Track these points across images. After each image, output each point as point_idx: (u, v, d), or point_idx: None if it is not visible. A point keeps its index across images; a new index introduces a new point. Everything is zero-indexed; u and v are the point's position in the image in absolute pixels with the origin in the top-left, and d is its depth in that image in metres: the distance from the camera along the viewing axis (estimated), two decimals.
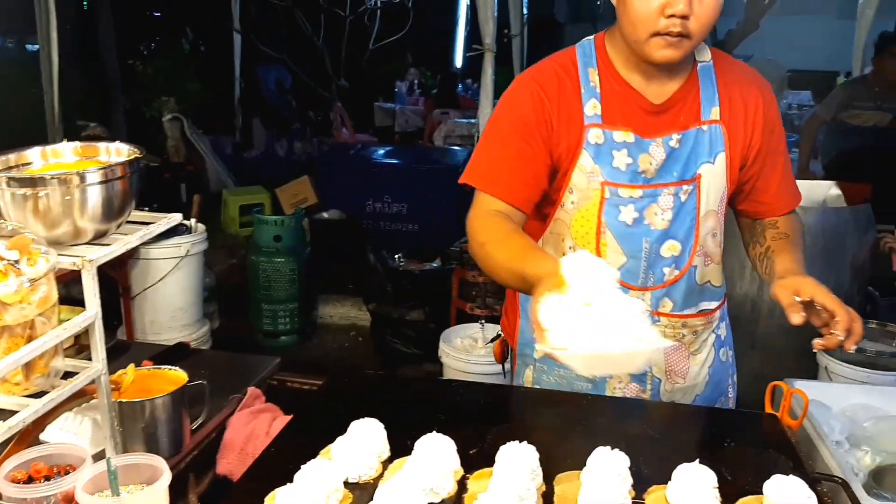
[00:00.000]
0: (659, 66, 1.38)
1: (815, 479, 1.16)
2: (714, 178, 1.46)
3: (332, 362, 3.94)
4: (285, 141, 7.30)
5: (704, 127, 1.44)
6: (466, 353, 3.25)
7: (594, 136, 1.42)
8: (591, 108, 1.43)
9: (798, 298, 1.30)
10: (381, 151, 6.01)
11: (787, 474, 1.03)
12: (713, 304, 1.55)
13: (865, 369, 2.40)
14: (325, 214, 5.19)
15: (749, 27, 5.73)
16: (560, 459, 1.18)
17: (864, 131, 4.70)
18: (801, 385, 1.48)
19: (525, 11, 6.70)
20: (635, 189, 1.43)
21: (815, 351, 1.34)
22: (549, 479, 1.14)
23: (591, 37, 1.50)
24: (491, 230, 1.38)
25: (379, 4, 8.01)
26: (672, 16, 1.27)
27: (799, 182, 1.60)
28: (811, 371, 2.60)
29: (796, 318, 1.30)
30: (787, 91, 7.92)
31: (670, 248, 1.46)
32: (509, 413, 1.47)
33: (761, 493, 1.05)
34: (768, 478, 1.05)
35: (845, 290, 2.76)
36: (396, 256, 4.09)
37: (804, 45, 9.38)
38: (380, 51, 8.41)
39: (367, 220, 5.29)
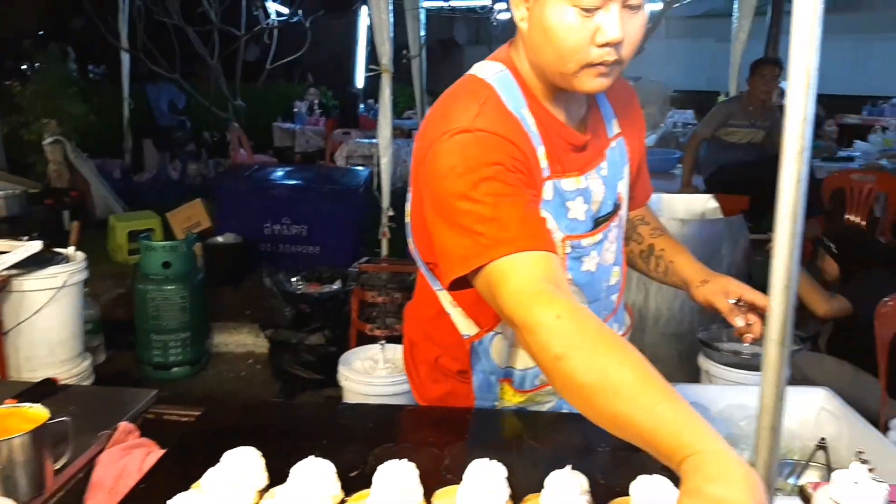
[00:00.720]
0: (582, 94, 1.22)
1: None
2: (626, 191, 1.41)
3: (226, 393, 3.78)
4: (179, 163, 7.06)
5: (613, 143, 1.36)
6: (366, 374, 3.21)
7: (547, 190, 1.24)
8: (543, 157, 1.23)
9: (731, 301, 1.36)
10: (280, 172, 5.89)
11: (652, 474, 1.06)
12: (617, 294, 1.50)
13: (742, 371, 2.54)
14: (220, 238, 5.02)
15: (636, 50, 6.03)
16: (441, 475, 1.18)
17: (740, 147, 5.01)
18: (681, 388, 1.53)
19: (424, 33, 6.80)
20: (596, 234, 1.33)
21: (746, 343, 1.40)
22: (430, 495, 1.13)
23: (500, 65, 1.26)
24: (566, 331, 0.94)
25: (275, 24, 7.93)
26: (605, 44, 1.10)
27: (681, 196, 1.68)
28: (693, 375, 2.72)
29: (740, 320, 1.36)
30: (671, 110, 8.37)
31: (615, 276, 1.41)
32: (395, 433, 1.45)
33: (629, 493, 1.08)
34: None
35: None
36: (293, 280, 3.99)
37: (687, 66, 9.96)
38: (278, 70, 8.30)
39: (266, 243, 5.15)
